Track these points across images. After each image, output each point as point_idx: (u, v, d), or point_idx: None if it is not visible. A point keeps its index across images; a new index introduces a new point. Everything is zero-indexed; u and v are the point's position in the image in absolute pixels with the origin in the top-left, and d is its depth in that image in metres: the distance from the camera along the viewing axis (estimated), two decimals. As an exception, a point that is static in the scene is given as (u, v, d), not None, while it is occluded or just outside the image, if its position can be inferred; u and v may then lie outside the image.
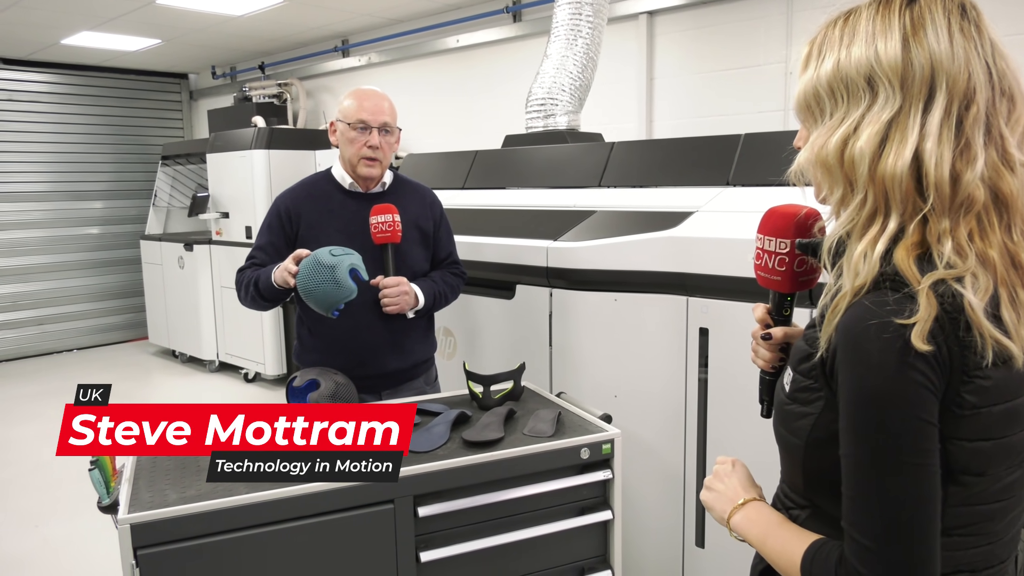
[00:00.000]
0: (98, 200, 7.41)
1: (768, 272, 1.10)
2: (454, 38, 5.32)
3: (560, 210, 2.74)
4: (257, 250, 2.23)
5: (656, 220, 2.34)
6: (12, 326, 6.93)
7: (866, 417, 0.83)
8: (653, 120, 4.38)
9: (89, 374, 6.33)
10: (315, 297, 1.90)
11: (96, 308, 7.42)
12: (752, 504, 1.06)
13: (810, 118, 0.95)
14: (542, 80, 3.47)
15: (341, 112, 2.21)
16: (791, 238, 1.06)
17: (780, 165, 2.25)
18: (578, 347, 2.49)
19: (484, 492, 1.69)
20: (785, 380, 0.99)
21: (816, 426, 0.93)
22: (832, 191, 0.92)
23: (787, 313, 1.13)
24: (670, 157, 2.71)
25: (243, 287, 2.18)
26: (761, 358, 1.15)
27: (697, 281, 2.18)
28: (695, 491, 2.28)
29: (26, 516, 3.62)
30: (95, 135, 7.32)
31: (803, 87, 0.95)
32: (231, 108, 6.51)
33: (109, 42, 6.08)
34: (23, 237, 6.97)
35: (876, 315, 0.83)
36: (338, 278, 1.87)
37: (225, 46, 6.44)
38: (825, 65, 0.91)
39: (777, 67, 3.82)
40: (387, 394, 2.27)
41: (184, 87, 8.00)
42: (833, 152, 0.89)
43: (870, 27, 0.89)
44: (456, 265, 2.42)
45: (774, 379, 1.12)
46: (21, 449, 4.55)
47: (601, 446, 1.79)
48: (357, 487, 1.56)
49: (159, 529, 1.42)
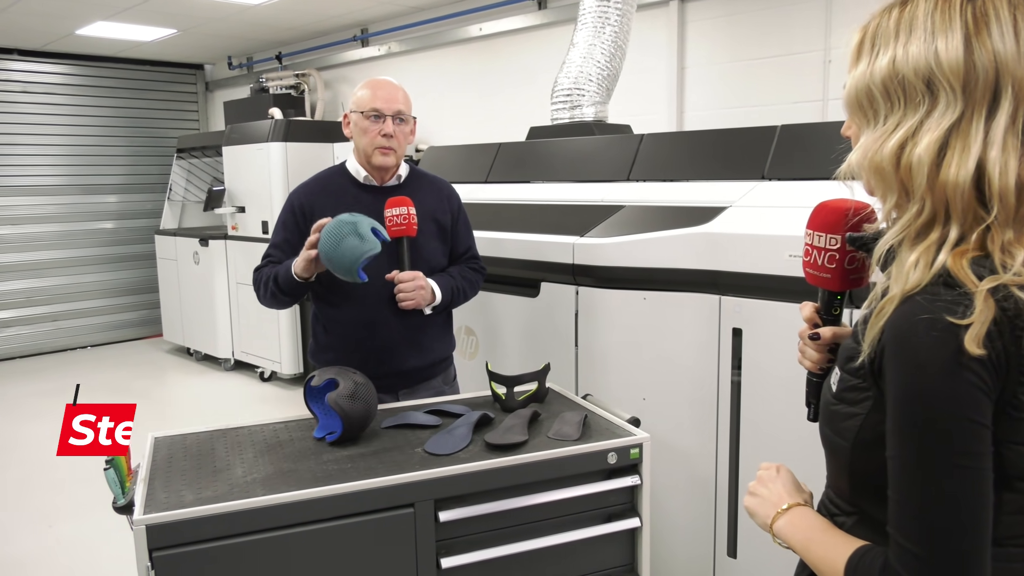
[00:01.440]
0: (112, 194, 7.52)
1: (817, 269, 1.10)
2: (477, 26, 5.33)
3: (587, 205, 2.74)
4: (273, 248, 2.25)
5: (687, 215, 2.33)
6: (26, 322, 7.06)
7: (914, 416, 0.83)
8: (684, 111, 4.35)
9: (102, 372, 6.43)
10: (339, 254, 1.92)
11: (110, 304, 7.54)
12: (796, 509, 1.05)
13: (862, 117, 0.93)
14: (568, 70, 3.47)
15: (354, 102, 2.23)
16: (842, 234, 1.05)
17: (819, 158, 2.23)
18: (605, 348, 2.49)
19: (507, 497, 1.69)
20: (832, 380, 0.99)
21: (863, 427, 0.92)
22: (886, 197, 0.91)
23: (836, 312, 1.13)
24: (702, 150, 2.69)
25: (261, 285, 2.20)
26: (808, 359, 1.14)
27: (730, 279, 2.17)
28: (727, 498, 2.27)
29: (40, 515, 3.69)
30: (110, 127, 7.44)
31: (855, 83, 0.93)
32: (248, 100, 6.57)
33: (124, 32, 6.17)
34: (37, 231, 7.10)
35: (927, 310, 0.82)
36: (361, 231, 1.91)
37: (242, 36, 6.50)
38: (880, 62, 0.89)
39: (816, 55, 3.77)
40: (404, 393, 2.28)
41: (200, 78, 8.09)
42: (888, 158, 0.88)
43: (929, 22, 0.86)
44: (475, 260, 2.43)
45: (822, 381, 1.11)
46: (35, 447, 4.63)
47: (629, 451, 1.78)
48: (377, 489, 1.57)
49: (175, 530, 1.44)
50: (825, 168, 2.35)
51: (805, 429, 1.24)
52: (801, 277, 1.15)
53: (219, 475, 1.63)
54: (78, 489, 3.94)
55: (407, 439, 1.83)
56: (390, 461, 1.68)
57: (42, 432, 4.91)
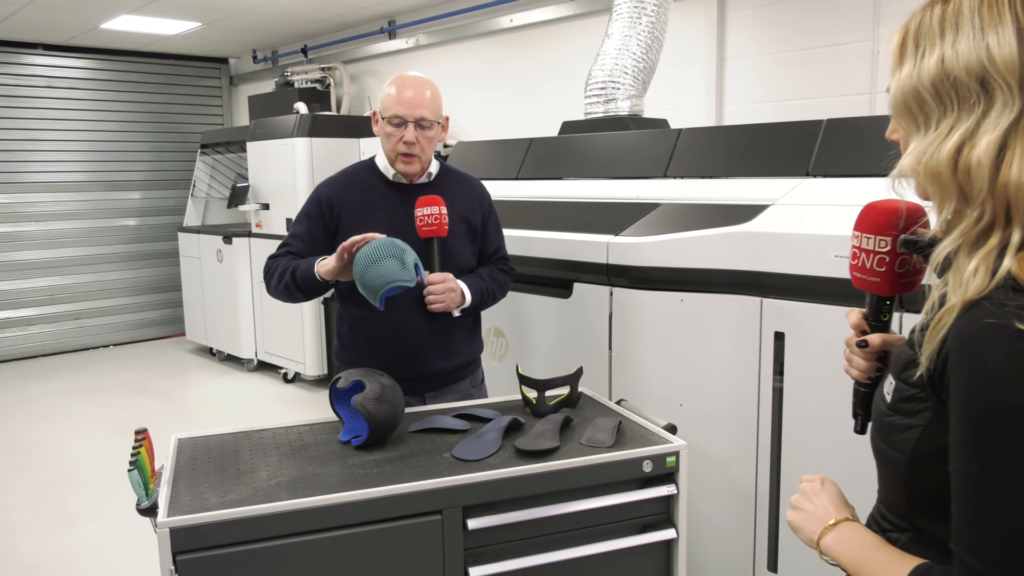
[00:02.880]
0: (136, 190, 7.66)
1: (865, 273, 1.08)
2: (508, 17, 5.34)
3: (622, 202, 2.73)
4: (293, 238, 2.25)
5: (728, 214, 2.32)
6: (49, 320, 7.22)
7: (983, 428, 0.81)
8: (724, 105, 4.32)
9: (124, 372, 6.55)
10: (375, 271, 1.92)
11: (133, 303, 7.68)
12: (845, 524, 1.04)
13: (911, 121, 0.92)
14: (603, 62, 3.46)
15: (380, 103, 2.23)
16: (892, 235, 1.04)
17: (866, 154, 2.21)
18: (640, 351, 2.48)
19: (538, 505, 1.70)
20: (886, 389, 0.97)
21: (921, 440, 0.90)
22: (943, 203, 0.89)
23: (886, 318, 1.11)
24: (743, 145, 2.68)
25: (275, 275, 2.19)
26: (856, 368, 1.13)
27: (773, 281, 2.15)
28: (767, 510, 2.25)
29: (62, 516, 3.77)
30: (133, 122, 7.58)
31: (901, 86, 0.91)
32: (272, 94, 6.66)
33: (149, 26, 6.28)
34: (60, 228, 7.26)
35: (995, 316, 0.80)
36: (405, 260, 1.93)
37: (267, 28, 6.58)
38: (927, 62, 0.88)
39: (863, 46, 3.72)
40: (431, 397, 2.29)
41: (224, 72, 8.21)
42: (946, 162, 0.86)
43: (976, 18, 0.85)
44: (505, 261, 2.43)
45: (870, 391, 1.10)
46: (57, 447, 4.74)
47: (665, 459, 1.78)
48: (404, 495, 1.58)
49: (199, 534, 1.46)
50: (873, 164, 2.33)
51: (852, 440, 1.22)
52: (848, 279, 1.13)
53: (243, 478, 1.65)
54: (100, 490, 4.02)
55: (434, 444, 1.84)
56: (417, 466, 1.69)
57: (64, 431, 5.02)
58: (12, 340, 7.04)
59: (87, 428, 5.09)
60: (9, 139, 6.92)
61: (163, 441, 1.89)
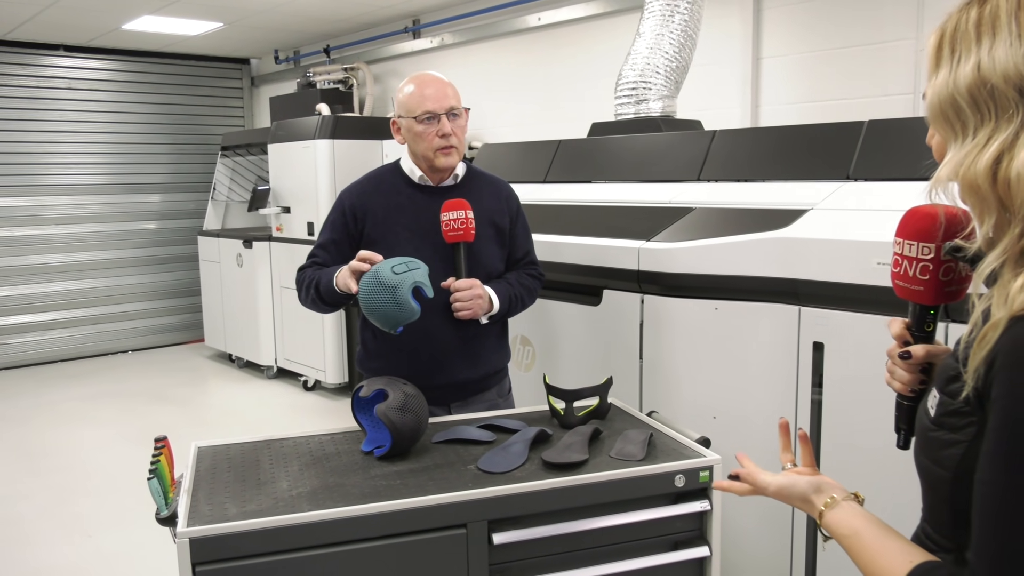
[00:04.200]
0: (156, 193, 7.78)
1: (908, 281, 1.07)
2: (535, 16, 5.35)
3: (654, 207, 2.72)
4: (319, 248, 2.29)
5: (764, 219, 2.30)
6: (69, 325, 7.35)
7: (1017, 440, 0.80)
8: (760, 105, 4.29)
9: (143, 378, 6.65)
10: (375, 317, 1.96)
11: (152, 308, 7.79)
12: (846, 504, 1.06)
13: (948, 130, 0.91)
14: (634, 61, 3.46)
15: (401, 107, 2.24)
16: (936, 242, 1.03)
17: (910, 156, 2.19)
18: (673, 361, 2.47)
19: (565, 520, 1.69)
20: (930, 403, 0.96)
21: (967, 456, 0.89)
22: (983, 216, 0.88)
23: (929, 328, 1.10)
24: (780, 147, 2.66)
25: (303, 288, 2.24)
26: (898, 380, 1.12)
27: (811, 288, 2.14)
28: (804, 527, 2.23)
29: (79, 524, 3.83)
30: (154, 124, 7.70)
31: (937, 92, 0.91)
32: (294, 95, 6.73)
33: (170, 26, 6.38)
34: (80, 232, 7.39)
35: None
36: (399, 299, 1.90)
37: (288, 28, 6.66)
38: (963, 68, 0.87)
39: (906, 44, 3.68)
40: (456, 407, 2.30)
41: (245, 73, 8.31)
42: (983, 174, 0.86)
43: (1014, 23, 0.84)
44: (534, 266, 2.44)
45: (913, 405, 1.08)
46: (76, 454, 4.81)
47: (698, 473, 1.76)
48: (427, 508, 1.58)
49: (219, 545, 1.48)
50: (917, 167, 2.29)
51: (895, 456, 1.20)
52: (891, 287, 1.12)
53: (263, 488, 1.67)
54: (118, 498, 4.08)
55: (459, 455, 1.84)
56: (441, 478, 1.70)
57: (83, 438, 5.09)
58: (32, 345, 7.17)
59: (105, 434, 5.16)
60: (30, 141, 7.06)
61: (182, 449, 1.91)
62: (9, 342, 7.06)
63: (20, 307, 7.12)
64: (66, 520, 3.89)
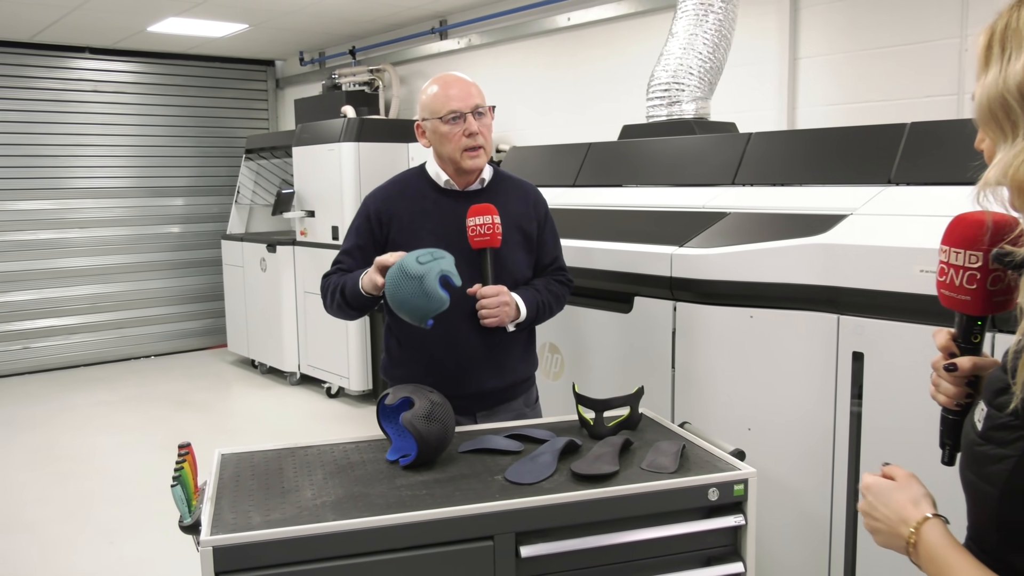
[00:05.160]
0: (179, 196, 7.89)
1: (954, 291, 1.06)
2: (565, 16, 5.36)
3: (687, 211, 2.71)
4: (344, 254, 2.30)
5: (802, 224, 2.29)
6: (92, 329, 7.47)
7: None
8: (796, 107, 4.27)
9: (166, 383, 6.73)
10: (405, 310, 1.95)
11: (175, 312, 7.90)
12: (926, 528, 1.01)
13: (997, 130, 0.91)
14: (666, 62, 3.45)
15: (425, 109, 2.24)
16: (984, 250, 1.01)
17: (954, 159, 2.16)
18: (706, 370, 2.45)
19: (595, 533, 1.69)
20: (976, 416, 0.95)
21: (1016, 471, 0.88)
22: None
23: (977, 340, 1.09)
24: (818, 150, 2.64)
25: (329, 294, 2.26)
26: (943, 393, 1.10)
27: (851, 297, 2.12)
28: (843, 544, 2.20)
29: (102, 531, 3.88)
30: (178, 127, 7.82)
31: (987, 92, 0.90)
32: (319, 97, 6.79)
33: (195, 28, 6.48)
34: (104, 235, 7.51)
35: None
36: (427, 290, 1.89)
37: (314, 29, 6.73)
38: (1014, 67, 0.87)
39: (950, 43, 3.64)
40: (482, 416, 2.30)
41: (270, 75, 8.41)
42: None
43: None
44: (562, 272, 2.44)
45: (959, 419, 1.07)
46: (99, 460, 4.88)
47: (732, 486, 1.75)
48: (454, 519, 1.59)
49: (242, 554, 1.49)
50: (961, 171, 2.27)
51: (939, 472, 1.19)
52: (934, 295, 1.11)
53: (287, 496, 1.68)
54: (141, 505, 4.13)
55: (486, 465, 1.84)
56: (468, 488, 1.70)
57: (105, 443, 5.17)
58: (55, 349, 7.30)
59: (128, 440, 5.23)
60: (55, 144, 7.20)
61: (204, 456, 1.93)
62: (33, 346, 7.20)
63: (44, 311, 7.24)
64: (88, 527, 3.95)
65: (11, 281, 7.08)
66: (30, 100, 7.07)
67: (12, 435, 5.42)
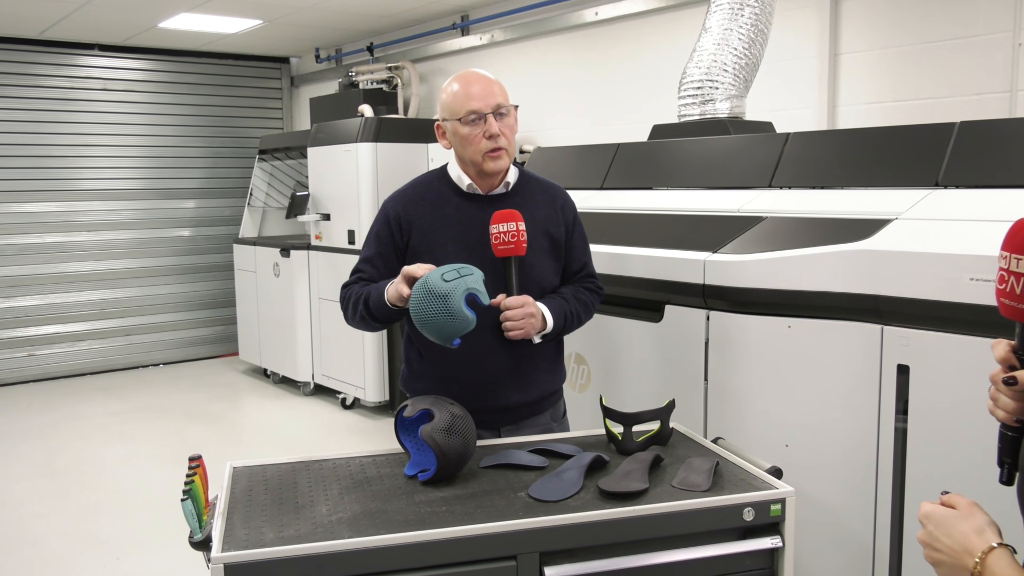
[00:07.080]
0: (190, 199, 7.98)
1: (1016, 300, 1.05)
2: (592, 10, 5.37)
3: (721, 215, 2.71)
4: (364, 263, 2.30)
5: (843, 229, 2.28)
6: (99, 336, 7.56)
7: None
8: (837, 106, 4.24)
9: (176, 393, 6.79)
10: (429, 330, 1.95)
11: (185, 319, 7.97)
12: (992, 557, 1.00)
13: None
14: (699, 58, 3.44)
15: (445, 109, 2.24)
16: None
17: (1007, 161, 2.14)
18: (741, 383, 2.44)
19: (623, 554, 1.68)
20: None
21: None
22: None
23: None
24: (861, 151, 2.63)
25: (350, 305, 2.25)
26: (1003, 408, 1.10)
27: (896, 306, 2.11)
28: (887, 570, 2.18)
29: (108, 547, 3.92)
30: (190, 126, 7.91)
31: None
32: (335, 96, 6.84)
33: (208, 24, 6.56)
34: (112, 239, 7.60)
35: None
36: (452, 309, 1.89)
37: (330, 25, 6.78)
38: None
39: (1002, 37, 3.61)
40: (507, 431, 2.30)
41: (285, 72, 8.49)
42: None
43: None
44: (592, 279, 2.43)
45: (1019, 436, 1.06)
46: (106, 472, 4.93)
47: (768, 506, 1.74)
48: (475, 538, 1.59)
49: (254, 571, 1.50)
50: (1016, 174, 2.25)
51: (995, 492, 1.17)
52: (985, 305, 1.11)
53: (302, 512, 1.69)
54: (149, 519, 4.17)
55: (509, 481, 1.84)
56: (490, 506, 1.70)
57: (115, 457, 5.22)
58: (61, 356, 7.39)
59: (136, 451, 5.29)
60: (62, 144, 7.30)
61: (215, 468, 1.95)
62: (38, 353, 7.30)
63: (50, 317, 7.34)
64: (94, 542, 3.99)
65: (16, 286, 7.18)
66: (37, 99, 7.18)
67: (16, 445, 5.50)
